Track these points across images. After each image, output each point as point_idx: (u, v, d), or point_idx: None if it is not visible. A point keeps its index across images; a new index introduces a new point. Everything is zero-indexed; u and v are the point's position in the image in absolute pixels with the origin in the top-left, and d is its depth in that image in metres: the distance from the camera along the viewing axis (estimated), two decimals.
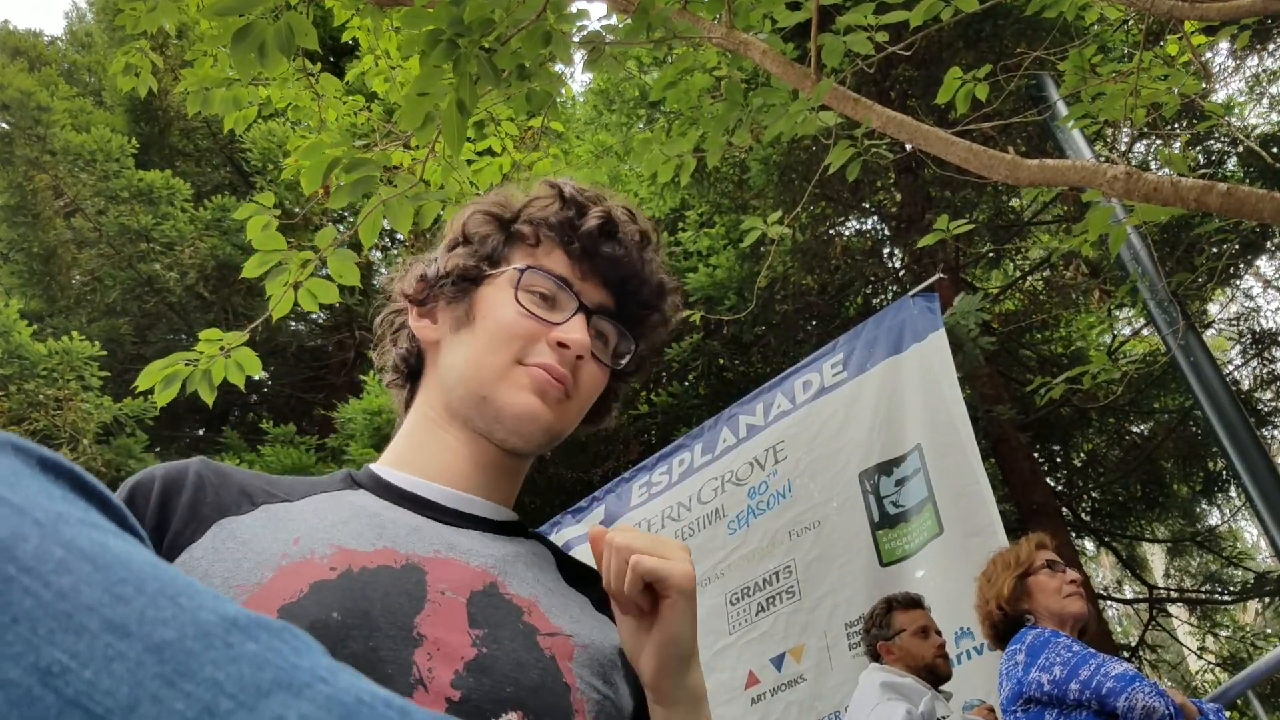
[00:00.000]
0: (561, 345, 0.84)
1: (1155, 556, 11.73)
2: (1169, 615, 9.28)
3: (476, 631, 0.69)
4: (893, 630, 2.88)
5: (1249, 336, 7.33)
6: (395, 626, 0.66)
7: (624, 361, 0.91)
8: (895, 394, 3.99)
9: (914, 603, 2.96)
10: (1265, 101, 7.56)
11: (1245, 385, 7.22)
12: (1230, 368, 7.36)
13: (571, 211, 0.89)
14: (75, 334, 7.01)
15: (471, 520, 0.81)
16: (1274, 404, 7.26)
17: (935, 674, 2.84)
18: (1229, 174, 6.30)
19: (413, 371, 0.92)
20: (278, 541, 0.70)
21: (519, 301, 0.85)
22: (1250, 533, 12.52)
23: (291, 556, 0.69)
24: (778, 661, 3.71)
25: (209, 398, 2.57)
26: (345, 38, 4.24)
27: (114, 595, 0.32)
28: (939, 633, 2.92)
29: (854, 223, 7.81)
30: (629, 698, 0.77)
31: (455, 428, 0.85)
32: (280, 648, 0.34)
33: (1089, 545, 9.91)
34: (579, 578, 0.85)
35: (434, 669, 0.65)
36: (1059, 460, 8.06)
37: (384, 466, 0.86)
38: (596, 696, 0.73)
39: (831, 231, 7.31)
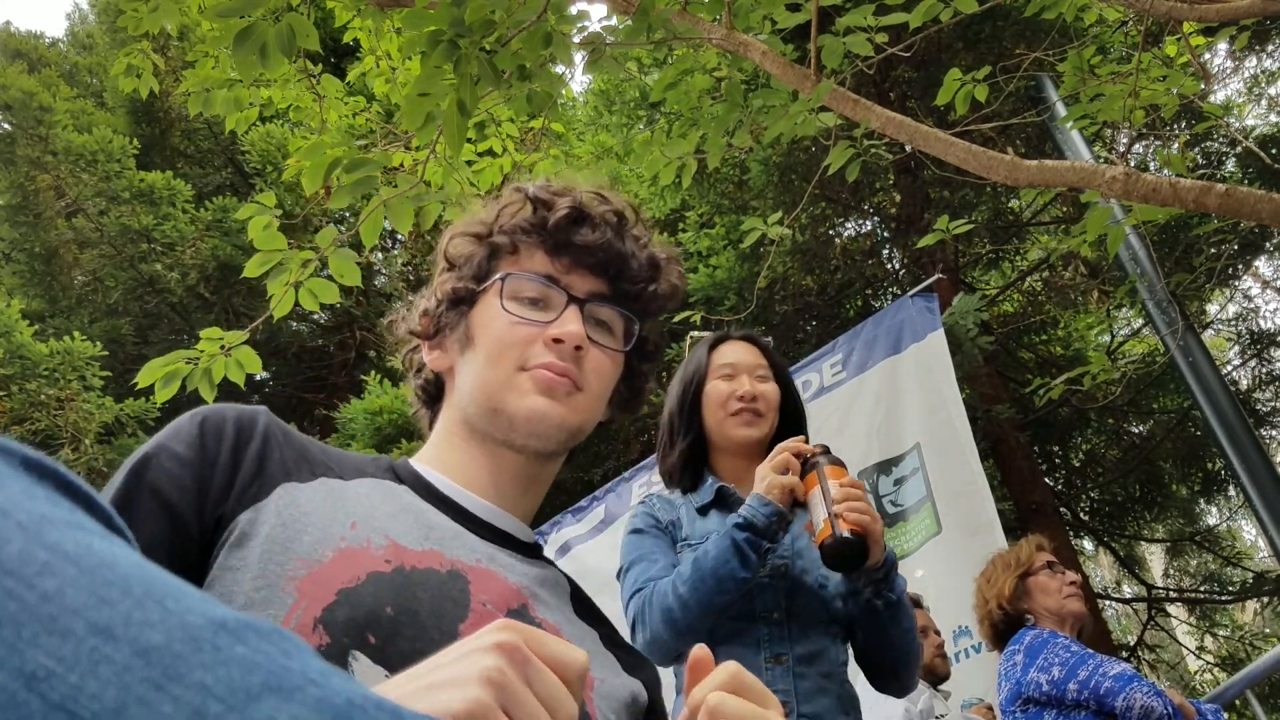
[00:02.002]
0: (557, 341, 0.84)
1: (1154, 556, 11.74)
2: (1167, 615, 9.29)
3: None
4: None
5: (1247, 337, 7.34)
6: (440, 631, 0.68)
7: (633, 342, 0.92)
8: (894, 394, 4.00)
9: (912, 603, 2.97)
10: (1264, 102, 7.56)
11: (1244, 385, 7.23)
12: (1229, 368, 7.37)
13: (540, 209, 0.90)
14: (77, 334, 7.02)
15: (501, 536, 0.83)
16: (1272, 404, 7.27)
17: (934, 673, 2.85)
18: (1227, 175, 6.31)
19: (433, 398, 0.95)
20: (335, 521, 0.71)
21: (507, 310, 0.86)
22: (1249, 532, 12.53)
23: (349, 540, 0.70)
24: None
25: (209, 396, 2.58)
26: (346, 39, 4.25)
27: (99, 598, 0.32)
28: (938, 632, 2.93)
29: (853, 223, 7.82)
30: None
31: (477, 442, 0.87)
32: (270, 650, 0.34)
33: (1088, 545, 9.92)
34: (588, 611, 0.88)
35: None
36: (1058, 460, 8.07)
37: (423, 465, 0.87)
38: None
39: (831, 232, 7.32)
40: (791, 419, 1.76)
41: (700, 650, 0.59)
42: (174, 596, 0.34)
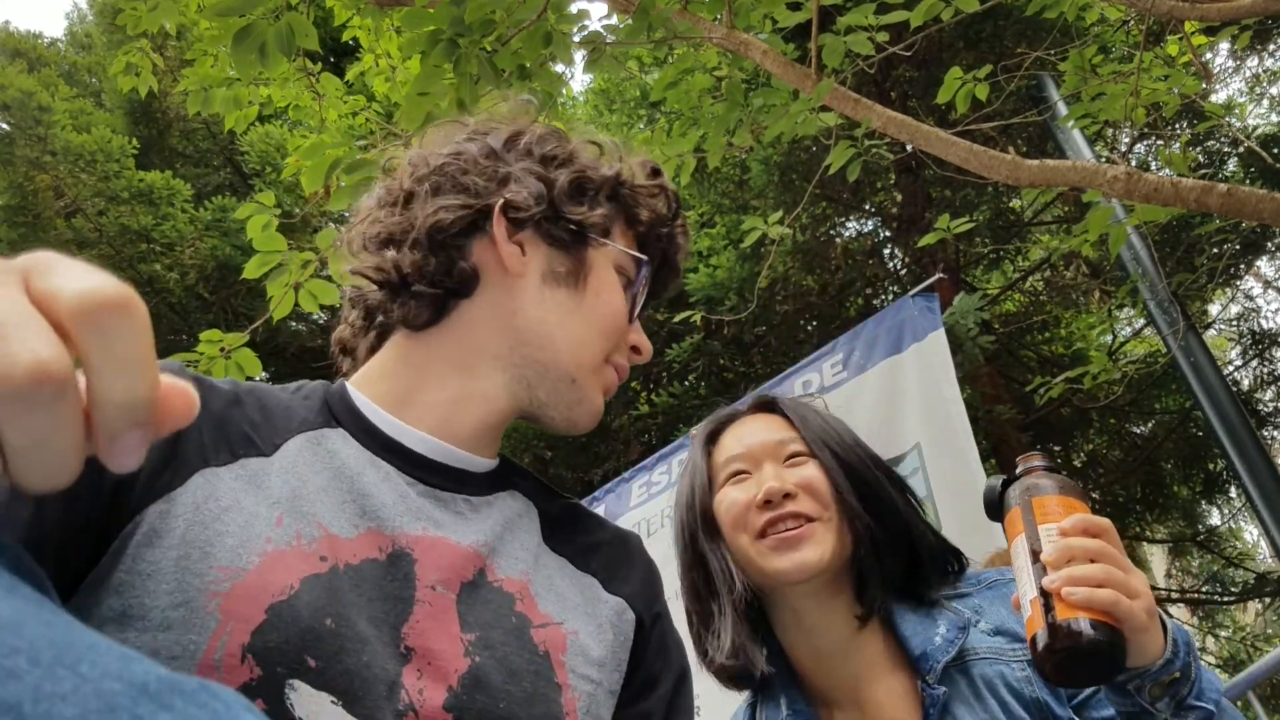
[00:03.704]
0: (635, 350, 0.82)
1: (1156, 557, 11.72)
2: (1169, 616, 9.27)
3: (468, 637, 0.65)
4: None
5: (1249, 337, 7.32)
6: (383, 640, 0.61)
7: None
8: (894, 393, 3.99)
9: None
10: (1265, 102, 7.56)
11: (1245, 385, 7.21)
12: (1230, 368, 7.36)
13: (671, 217, 0.85)
14: None
15: (457, 477, 0.74)
16: (1274, 404, 7.26)
17: None
18: (1229, 174, 6.30)
19: (447, 292, 0.76)
20: (259, 517, 0.61)
21: (631, 297, 0.81)
22: (1251, 533, 12.51)
23: (276, 541, 0.61)
24: None
25: None
26: (346, 38, 4.24)
27: (4, 670, 0.28)
28: None
29: (854, 223, 7.81)
30: (619, 676, 0.74)
31: (493, 378, 0.76)
32: (197, 715, 0.30)
33: None
34: (562, 530, 0.79)
35: (424, 690, 0.61)
36: (1059, 461, 8.06)
37: (366, 400, 0.75)
38: (588, 688, 0.70)
39: (832, 232, 7.31)
40: (876, 506, 1.04)
41: None
42: (89, 659, 0.30)
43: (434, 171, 0.78)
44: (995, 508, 0.91)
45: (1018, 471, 0.91)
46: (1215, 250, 5.70)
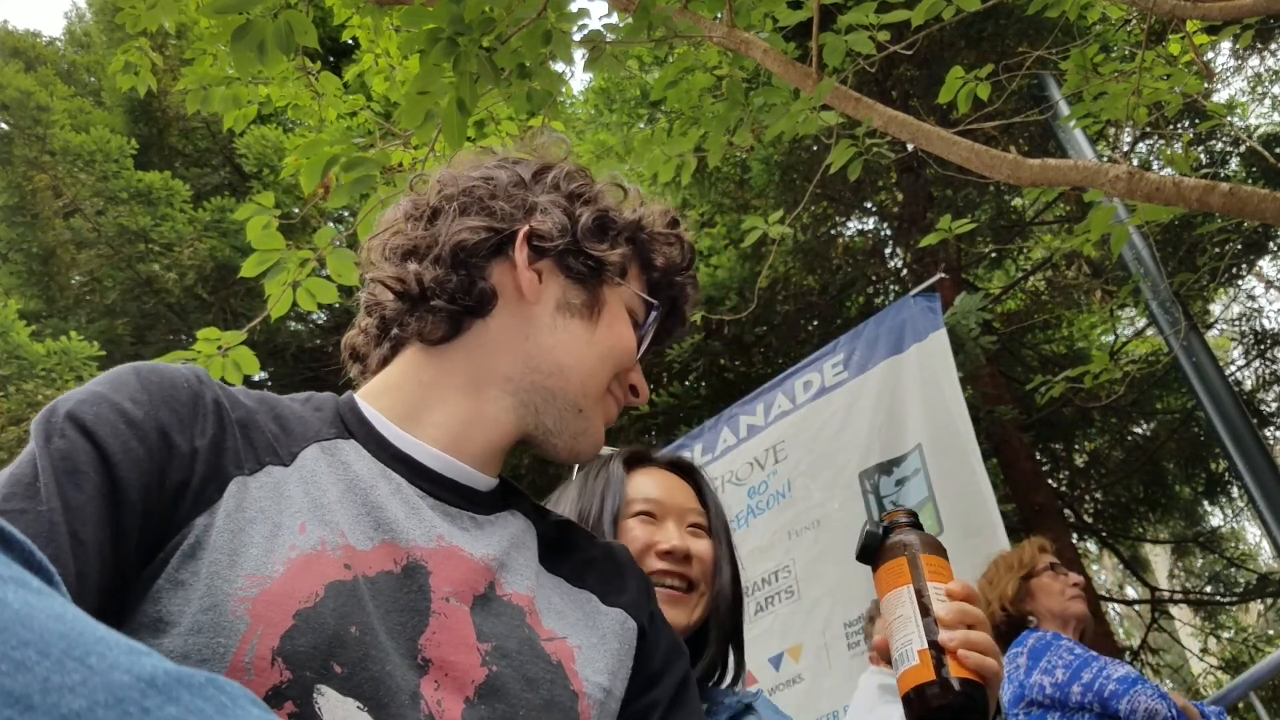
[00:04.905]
0: (633, 390, 0.85)
1: (1157, 558, 11.71)
2: (1171, 617, 9.28)
3: (484, 646, 0.66)
4: (876, 632, 2.93)
5: (1251, 337, 7.32)
6: (401, 652, 0.62)
7: None
8: (896, 394, 3.98)
9: None
10: (1267, 101, 7.55)
11: (1248, 386, 7.21)
12: (1232, 368, 7.35)
13: (685, 266, 0.88)
14: (74, 334, 7.01)
15: (466, 495, 0.76)
16: (1276, 404, 7.25)
17: None
18: (1231, 174, 6.29)
19: (464, 309, 0.77)
20: (283, 527, 0.63)
21: (640, 331, 0.85)
22: (1253, 534, 12.50)
23: (300, 547, 0.62)
24: (776, 661, 3.70)
25: None
26: (345, 37, 4.24)
27: (14, 662, 0.29)
28: None
29: (855, 222, 7.80)
30: (624, 684, 0.75)
31: (502, 401, 0.77)
32: (204, 708, 0.31)
33: (1091, 546, 9.89)
34: (557, 551, 0.81)
35: (443, 700, 0.62)
36: (1061, 461, 8.05)
37: (375, 413, 0.76)
38: (600, 696, 0.71)
39: (833, 231, 7.30)
40: (735, 604, 1.19)
41: None
42: (97, 652, 0.31)
43: (462, 192, 0.80)
44: (873, 552, 0.95)
45: (898, 521, 0.96)
46: (1217, 250, 5.69)
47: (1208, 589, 9.10)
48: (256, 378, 2.69)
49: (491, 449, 0.78)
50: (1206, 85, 4.16)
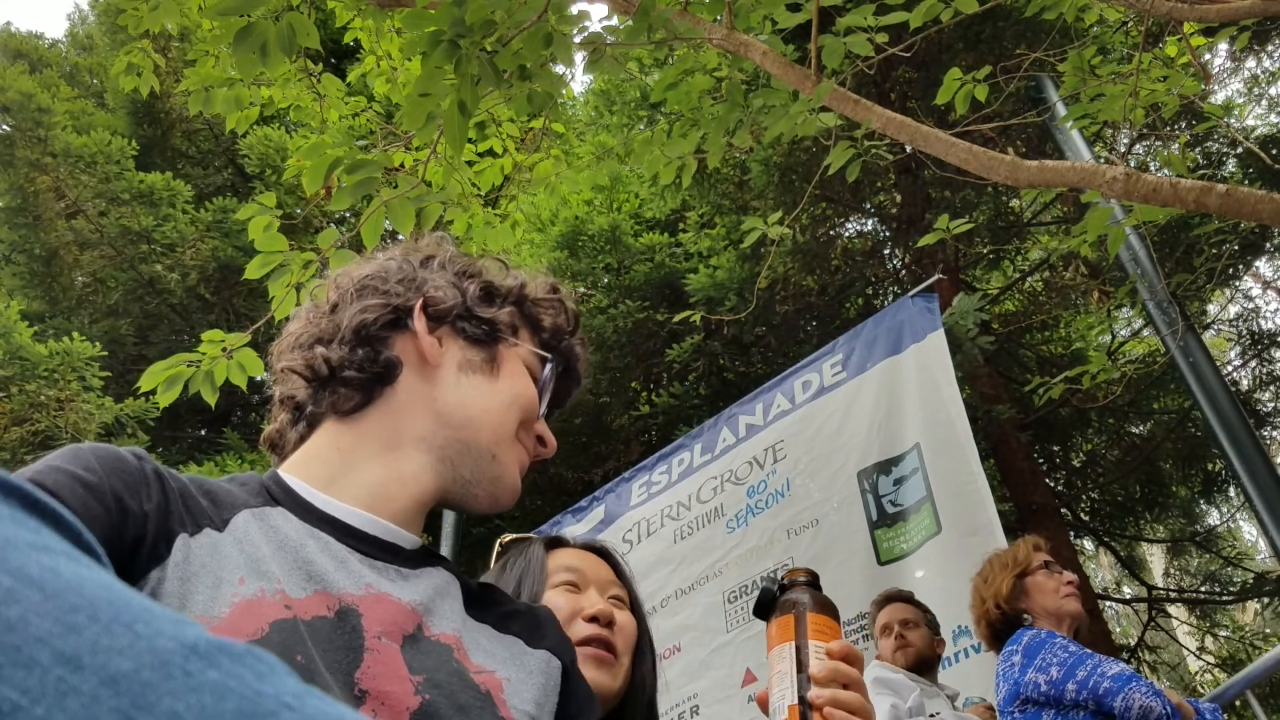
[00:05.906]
0: (540, 442, 0.91)
1: (1154, 557, 11.73)
2: (1168, 616, 9.29)
3: (416, 678, 0.70)
4: (875, 627, 2.98)
5: (1248, 337, 7.33)
6: (340, 685, 0.66)
7: None
8: (894, 393, 4.00)
9: (886, 599, 3.02)
10: (1264, 103, 7.57)
11: (1244, 386, 7.22)
12: (1229, 368, 7.37)
13: (570, 329, 0.97)
14: (77, 335, 7.03)
15: (388, 550, 0.80)
16: (1273, 404, 7.27)
17: (924, 665, 2.87)
18: (1228, 175, 6.31)
19: (373, 378, 0.83)
20: (224, 580, 0.67)
21: (540, 386, 0.91)
22: (1249, 533, 12.53)
23: (241, 594, 0.66)
24: None
25: (211, 399, 2.58)
26: (347, 39, 4.25)
27: (65, 625, 0.31)
28: (909, 625, 2.95)
29: (854, 223, 7.81)
30: (550, 713, 0.80)
31: (419, 459, 0.83)
32: (243, 674, 0.33)
33: (1088, 545, 9.91)
34: (480, 602, 0.85)
35: None
36: (1058, 460, 8.07)
37: (299, 482, 0.81)
38: None
39: (832, 232, 7.32)
40: (650, 681, 1.22)
41: None
42: (143, 620, 0.33)
43: (356, 282, 0.88)
44: (768, 607, 0.98)
45: (796, 580, 1.00)
46: (1214, 251, 5.71)
47: (1204, 588, 9.11)
48: (259, 378, 2.71)
49: (413, 506, 0.83)
50: (1203, 87, 4.18)
